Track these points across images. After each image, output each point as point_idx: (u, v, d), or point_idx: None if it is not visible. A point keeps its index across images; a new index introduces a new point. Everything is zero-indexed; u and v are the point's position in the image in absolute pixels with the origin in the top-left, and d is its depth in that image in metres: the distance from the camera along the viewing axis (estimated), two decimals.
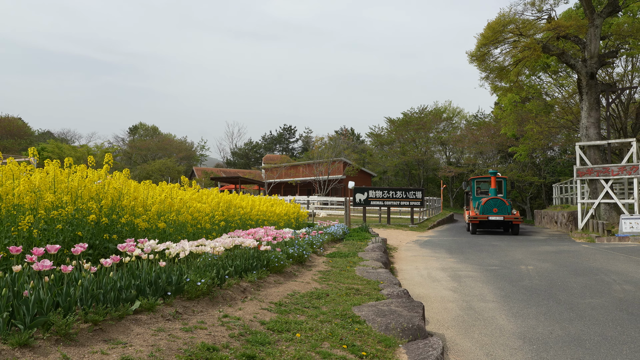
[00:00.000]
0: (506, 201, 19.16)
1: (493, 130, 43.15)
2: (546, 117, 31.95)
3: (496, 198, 19.32)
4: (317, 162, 43.28)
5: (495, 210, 18.99)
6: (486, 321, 5.52)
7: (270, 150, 76.79)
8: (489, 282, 8.13)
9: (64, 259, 4.71)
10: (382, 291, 5.88)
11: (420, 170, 52.20)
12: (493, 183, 20.59)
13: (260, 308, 4.58)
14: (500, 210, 19.02)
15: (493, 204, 19.10)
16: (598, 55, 20.74)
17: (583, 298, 6.74)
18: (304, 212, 18.06)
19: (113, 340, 3.16)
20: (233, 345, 3.43)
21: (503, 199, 19.22)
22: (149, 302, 3.79)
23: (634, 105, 28.35)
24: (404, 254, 12.55)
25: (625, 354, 4.34)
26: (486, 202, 19.18)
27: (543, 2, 22.35)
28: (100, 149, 49.69)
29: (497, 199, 19.28)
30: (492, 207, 19.04)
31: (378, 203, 22.70)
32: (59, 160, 5.87)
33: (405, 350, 3.94)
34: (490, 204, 19.12)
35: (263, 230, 7.66)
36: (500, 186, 21.53)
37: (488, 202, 19.13)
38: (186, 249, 5.13)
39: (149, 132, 71.81)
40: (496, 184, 20.71)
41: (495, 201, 19.21)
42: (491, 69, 24.06)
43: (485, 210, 19.04)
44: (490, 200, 19.21)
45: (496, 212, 18.93)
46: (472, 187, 22.45)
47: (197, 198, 8.56)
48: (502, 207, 19.08)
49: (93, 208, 5.37)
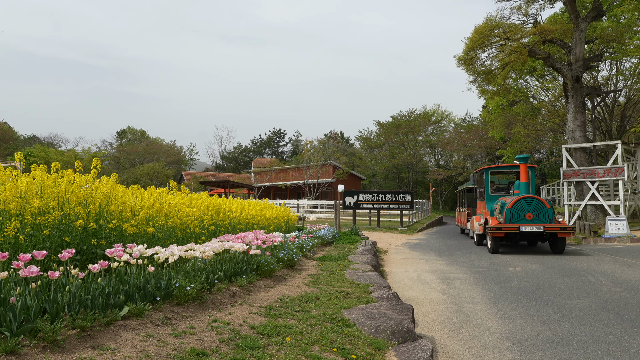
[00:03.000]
0: (545, 202, 12.69)
1: (481, 133, 43.56)
2: (533, 120, 32.32)
3: (531, 197, 12.73)
4: (306, 165, 43.31)
5: (529, 216, 12.52)
6: (475, 323, 5.56)
7: (260, 154, 76.67)
8: (477, 284, 8.18)
9: (51, 265, 4.66)
10: (372, 294, 5.89)
11: (409, 173, 52.45)
12: (524, 174, 13.43)
13: (250, 312, 4.57)
14: (537, 216, 12.57)
15: (526, 207, 12.60)
16: (583, 59, 21.05)
17: (570, 299, 6.81)
18: (294, 216, 18.05)
19: (101, 347, 3.13)
20: (223, 350, 3.42)
21: (541, 199, 12.75)
22: (138, 308, 3.77)
23: (619, 108, 28.81)
24: (394, 256, 12.59)
25: (612, 353, 4.40)
26: (516, 203, 12.67)
27: (529, 7, 22.68)
28: (88, 154, 49.21)
29: (533, 199, 12.70)
30: (524, 210, 12.58)
31: (368, 206, 22.76)
32: (46, 165, 5.81)
33: (395, 352, 3.95)
34: (521, 206, 12.64)
35: (253, 234, 7.64)
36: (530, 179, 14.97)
37: (519, 204, 12.66)
38: (175, 253, 5.11)
39: (137, 136, 71.33)
40: (528, 176, 13.63)
41: (529, 202, 12.66)
42: (479, 73, 24.31)
43: (514, 216, 12.57)
44: (522, 201, 12.65)
45: (532, 220, 12.49)
46: (485, 181, 15.82)
47: (186, 202, 8.52)
48: (540, 210, 12.59)
49: (80, 213, 5.32)
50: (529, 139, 32.57)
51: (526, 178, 13.43)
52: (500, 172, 17.47)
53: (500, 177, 19.15)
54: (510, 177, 17.96)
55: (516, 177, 16.20)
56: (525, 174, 13.44)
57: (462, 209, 21.93)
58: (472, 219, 16.68)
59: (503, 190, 15.99)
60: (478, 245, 15.34)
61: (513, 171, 16.28)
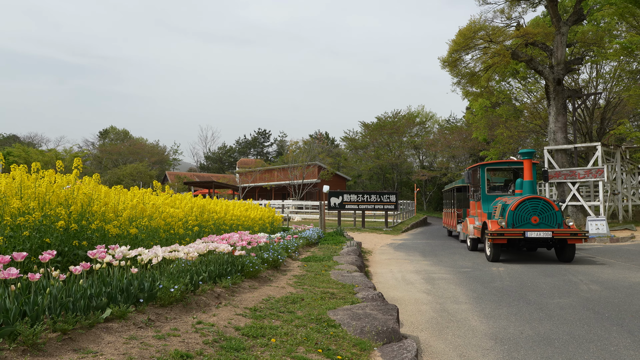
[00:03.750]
0: (553, 204, 11.14)
1: (465, 135, 43.99)
2: (516, 122, 32.77)
3: (537, 198, 11.16)
4: (291, 166, 43.27)
5: (535, 219, 10.98)
6: (459, 323, 5.61)
7: (245, 154, 76.36)
8: (461, 284, 8.26)
9: (31, 267, 4.57)
10: (357, 295, 5.91)
11: (394, 174, 52.75)
12: (528, 172, 11.86)
13: (234, 314, 4.54)
14: (544, 219, 10.98)
15: (532, 209, 11.05)
16: (564, 62, 21.41)
17: (552, 298, 6.92)
18: (279, 217, 18.00)
19: (83, 350, 3.08)
20: (207, 352, 3.39)
21: (549, 201, 11.17)
22: (121, 310, 3.72)
23: (599, 111, 29.36)
24: (379, 257, 12.64)
25: (592, 351, 4.48)
26: (520, 205, 11.11)
27: (512, 10, 22.99)
28: (69, 153, 48.49)
29: (539, 200, 11.13)
30: (530, 213, 11.04)
31: (353, 207, 22.82)
32: (26, 165, 5.71)
33: (380, 353, 3.96)
34: (526, 208, 11.08)
35: (237, 235, 7.60)
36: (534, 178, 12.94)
37: (523, 206, 11.09)
38: (159, 254, 5.05)
39: (120, 136, 70.51)
40: (532, 173, 11.95)
41: (535, 204, 11.10)
42: (463, 75, 24.56)
43: (518, 219, 11.06)
44: (527, 203, 11.11)
45: (538, 224, 10.96)
46: (481, 179, 13.83)
47: (170, 203, 8.43)
48: (547, 213, 11.01)
49: (62, 214, 5.24)
50: (512, 141, 33.01)
51: (531, 176, 11.76)
52: (498, 169, 15.52)
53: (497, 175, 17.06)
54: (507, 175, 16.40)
55: (513, 175, 14.80)
56: (529, 171, 11.80)
57: (450, 210, 20.49)
58: (465, 221, 14.97)
59: (500, 189, 14.20)
60: (472, 250, 13.81)
61: (512, 168, 14.47)
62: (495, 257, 11.27)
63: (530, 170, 11.86)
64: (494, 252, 11.23)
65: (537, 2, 23.14)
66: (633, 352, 4.45)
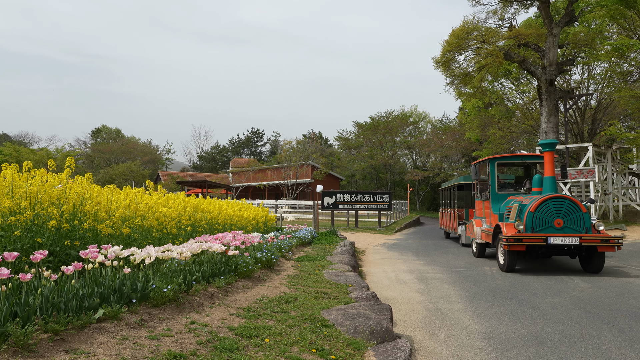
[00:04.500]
0: (580, 204, 9.41)
1: (458, 135, 44.17)
2: (508, 122, 32.95)
3: (561, 197, 9.38)
4: (285, 165, 43.23)
5: (559, 222, 9.21)
6: (452, 322, 5.63)
7: (238, 154, 76.18)
8: (454, 283, 8.29)
9: (22, 267, 4.53)
10: (350, 294, 5.91)
11: (387, 174, 52.86)
12: (549, 166, 9.94)
13: (228, 314, 4.53)
14: (570, 222, 9.21)
15: (555, 210, 9.28)
16: (556, 63, 21.56)
17: (544, 297, 6.96)
18: (272, 216, 17.99)
19: (75, 350, 3.06)
20: (201, 352, 3.38)
21: (575, 200, 9.41)
22: (113, 310, 3.69)
23: (590, 111, 29.59)
24: (372, 257, 12.66)
25: (584, 350, 4.51)
26: (541, 205, 9.31)
27: (504, 11, 23.12)
28: (61, 153, 48.12)
29: (564, 200, 9.34)
30: (553, 215, 9.27)
31: (346, 207, 22.84)
32: (17, 164, 5.66)
33: (374, 352, 3.97)
34: (548, 209, 9.29)
35: (231, 235, 7.58)
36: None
37: (545, 207, 9.31)
38: (152, 254, 5.02)
39: (112, 135, 70.09)
40: (553, 168, 10.01)
41: (559, 204, 9.32)
42: (456, 75, 24.66)
43: (539, 222, 9.26)
44: (550, 203, 9.33)
45: (562, 228, 9.19)
46: (491, 175, 11.89)
47: (163, 202, 8.40)
48: (573, 215, 9.24)
49: (53, 213, 5.19)
50: (504, 141, 33.19)
51: (553, 171, 9.90)
52: (511, 164, 13.56)
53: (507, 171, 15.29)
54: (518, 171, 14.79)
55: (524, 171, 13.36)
56: (551, 166, 9.89)
57: (449, 210, 18.83)
58: (471, 223, 13.11)
59: (511, 187, 12.43)
60: (479, 257, 12.09)
61: (527, 163, 12.70)
62: (511, 266, 9.44)
63: (551, 164, 9.98)
64: (509, 261, 9.39)
65: (529, 3, 23.27)
66: (624, 351, 4.49)
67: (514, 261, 9.46)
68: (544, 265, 10.50)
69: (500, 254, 9.96)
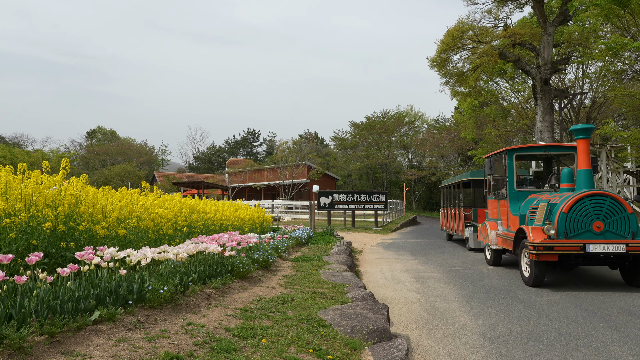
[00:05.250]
0: (625, 202, 7.82)
1: (453, 134, 44.26)
2: (503, 122, 33.05)
3: (602, 195, 7.75)
4: (281, 166, 43.21)
5: (599, 226, 7.61)
6: (449, 321, 5.64)
7: (234, 154, 76.07)
8: (451, 282, 8.31)
9: (17, 269, 4.51)
10: (347, 294, 5.91)
11: (383, 173, 52.91)
12: (584, 157, 8.26)
13: (225, 314, 4.52)
14: (611, 226, 7.63)
15: (594, 211, 7.68)
16: (551, 62, 21.65)
17: (540, 296, 6.98)
18: (269, 217, 17.98)
19: (71, 353, 3.05)
20: (197, 353, 3.37)
21: (618, 198, 7.76)
22: (109, 312, 3.68)
23: (585, 110, 29.73)
24: (369, 256, 12.67)
25: (580, 348, 4.53)
26: (576, 205, 7.72)
27: (499, 10, 23.19)
28: (56, 154, 47.92)
29: (605, 198, 7.73)
30: (591, 217, 7.65)
31: (342, 206, 22.85)
32: (12, 165, 5.63)
33: (371, 352, 3.97)
34: (585, 209, 7.70)
35: (227, 236, 7.57)
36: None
37: (581, 207, 7.72)
38: (148, 256, 5.01)
39: (107, 136, 69.86)
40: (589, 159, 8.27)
41: (598, 202, 7.71)
42: (451, 75, 24.71)
43: (574, 226, 7.68)
44: (587, 202, 7.73)
45: (603, 232, 7.63)
46: (508, 169, 10.05)
47: (159, 204, 8.37)
48: (616, 217, 7.65)
49: (49, 215, 5.17)
50: (500, 140, 33.28)
51: (588, 162, 8.12)
52: (531, 156, 11.59)
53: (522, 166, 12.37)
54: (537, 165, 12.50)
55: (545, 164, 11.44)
56: (586, 157, 8.13)
57: (452, 210, 16.97)
58: (484, 226, 11.14)
59: (530, 183, 10.82)
60: (494, 265, 10.52)
61: (551, 154, 10.48)
62: (538, 279, 7.74)
63: (587, 154, 8.16)
64: (536, 274, 7.71)
65: (523, 2, 23.35)
66: (619, 348, 4.51)
67: (542, 274, 7.75)
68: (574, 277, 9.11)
69: (524, 265, 8.20)
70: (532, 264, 7.79)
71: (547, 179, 10.38)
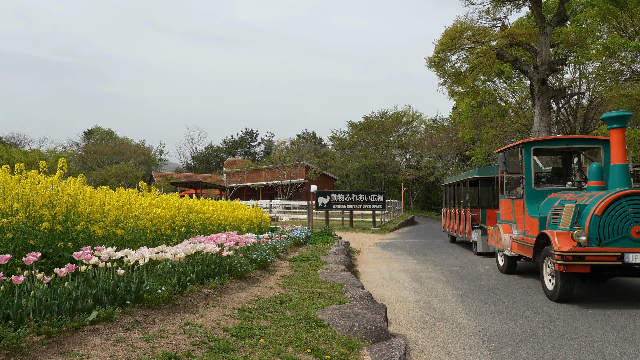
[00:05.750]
0: None
1: (451, 134, 44.30)
2: (501, 122, 33.10)
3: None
4: (279, 166, 43.19)
5: (638, 231, 6.32)
6: (447, 321, 5.65)
7: (232, 154, 76.00)
8: (449, 282, 8.32)
9: (14, 269, 4.50)
10: (345, 294, 5.92)
11: (381, 173, 52.95)
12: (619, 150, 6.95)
13: (223, 314, 4.52)
14: None
15: (632, 213, 6.37)
16: (549, 62, 21.69)
17: (537, 295, 7.00)
18: (267, 217, 17.97)
19: (68, 353, 3.04)
20: (195, 353, 3.37)
21: None
22: (107, 312, 3.68)
23: (582, 110, 29.80)
24: (367, 256, 12.68)
25: (577, 347, 4.55)
26: (611, 206, 6.42)
27: (497, 11, 23.21)
28: (53, 154, 47.82)
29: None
30: (630, 221, 6.34)
31: (340, 206, 22.85)
32: (9, 165, 5.62)
33: (369, 352, 3.98)
34: (623, 211, 6.41)
35: (225, 236, 7.56)
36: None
37: (617, 208, 6.42)
38: (146, 256, 5.01)
39: (105, 136, 69.68)
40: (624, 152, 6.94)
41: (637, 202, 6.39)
42: (449, 75, 24.73)
43: (609, 230, 6.41)
44: (624, 202, 6.42)
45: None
46: (525, 165, 8.82)
47: (156, 203, 8.36)
48: None
49: (46, 215, 5.16)
50: (497, 140, 33.33)
51: (624, 157, 6.97)
52: (550, 150, 9.90)
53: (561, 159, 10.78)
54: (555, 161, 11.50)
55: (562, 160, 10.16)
56: (621, 149, 6.93)
57: (457, 210, 15.50)
58: (496, 229, 9.97)
59: (550, 180, 9.44)
60: (507, 273, 9.28)
61: (574, 148, 9.27)
62: (565, 294, 6.59)
63: (622, 146, 6.94)
64: (562, 287, 6.55)
65: (521, 3, 23.39)
66: (616, 347, 4.53)
67: (570, 287, 6.57)
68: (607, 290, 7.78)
69: (547, 276, 7.04)
70: (557, 275, 6.62)
71: (567, 176, 9.22)
